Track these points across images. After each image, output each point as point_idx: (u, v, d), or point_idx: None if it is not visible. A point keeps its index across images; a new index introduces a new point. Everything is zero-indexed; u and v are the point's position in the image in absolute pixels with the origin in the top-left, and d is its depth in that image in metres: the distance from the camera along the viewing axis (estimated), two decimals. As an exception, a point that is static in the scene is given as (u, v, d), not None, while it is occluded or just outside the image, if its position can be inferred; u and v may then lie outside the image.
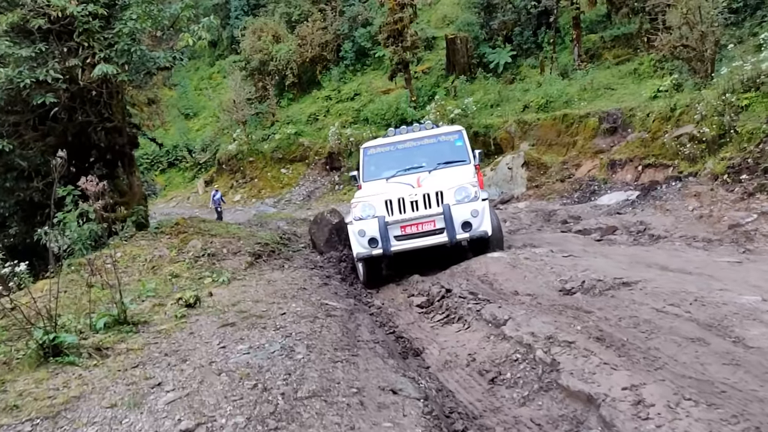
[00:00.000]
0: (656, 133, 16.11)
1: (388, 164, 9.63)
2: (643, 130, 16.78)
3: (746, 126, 13.47)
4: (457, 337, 5.33)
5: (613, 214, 11.67)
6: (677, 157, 14.92)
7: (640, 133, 16.83)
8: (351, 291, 7.82)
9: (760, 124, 13.21)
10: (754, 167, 12.53)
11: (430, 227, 7.96)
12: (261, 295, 6.92)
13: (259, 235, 10.55)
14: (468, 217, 7.88)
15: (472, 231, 7.87)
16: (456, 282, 6.83)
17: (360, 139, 26.45)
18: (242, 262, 8.87)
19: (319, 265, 9.21)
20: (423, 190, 8.10)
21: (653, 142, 16.04)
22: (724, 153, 13.60)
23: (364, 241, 8.01)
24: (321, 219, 10.87)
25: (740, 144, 13.32)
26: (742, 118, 13.80)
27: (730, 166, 13.12)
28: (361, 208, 8.24)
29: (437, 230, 7.93)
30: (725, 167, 13.21)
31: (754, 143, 12.95)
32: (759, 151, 12.64)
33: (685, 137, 14.92)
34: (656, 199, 11.31)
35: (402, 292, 7.52)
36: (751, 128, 13.27)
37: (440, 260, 8.50)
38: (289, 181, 28.42)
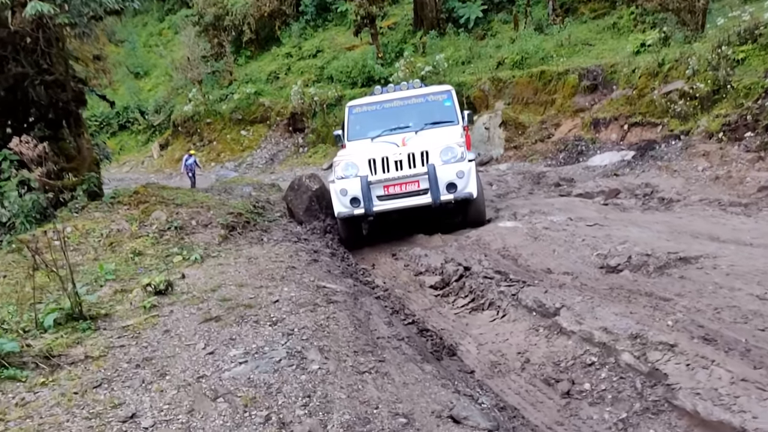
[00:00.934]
0: (643, 90, 15.38)
1: (374, 124, 9.21)
2: (629, 86, 16.04)
3: (743, 81, 12.83)
4: (493, 328, 4.41)
5: (610, 175, 10.91)
6: (666, 115, 14.25)
7: (625, 90, 16.09)
8: (345, 268, 6.81)
9: (758, 79, 12.58)
10: (753, 124, 11.93)
11: (414, 188, 7.72)
12: (244, 277, 5.84)
13: (230, 203, 9.38)
14: (453, 178, 7.59)
15: (456, 192, 7.57)
16: (472, 258, 5.90)
17: (325, 98, 25.11)
18: (215, 235, 7.73)
19: (303, 237, 8.15)
20: (408, 149, 7.82)
21: (640, 99, 15.32)
22: (719, 110, 12.97)
23: (346, 201, 7.86)
24: (299, 185, 9.75)
25: (736, 100, 12.68)
26: (738, 73, 13.15)
27: (726, 123, 12.50)
28: (344, 166, 7.98)
29: (421, 191, 7.69)
30: (720, 125, 12.59)
31: (751, 99, 12.32)
32: (758, 108, 12.03)
33: (675, 94, 14.23)
34: (656, 159, 10.59)
35: (404, 268, 6.56)
36: (748, 83, 12.64)
37: (425, 224, 8.30)
38: (250, 143, 26.89)
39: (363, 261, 7.28)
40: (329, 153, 25.10)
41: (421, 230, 8.26)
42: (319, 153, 25.08)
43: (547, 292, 4.41)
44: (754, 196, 7.43)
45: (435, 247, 7.04)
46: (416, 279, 5.96)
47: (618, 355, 3.29)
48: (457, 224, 8.32)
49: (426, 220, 8.48)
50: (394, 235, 8.39)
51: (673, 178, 9.22)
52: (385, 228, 8.93)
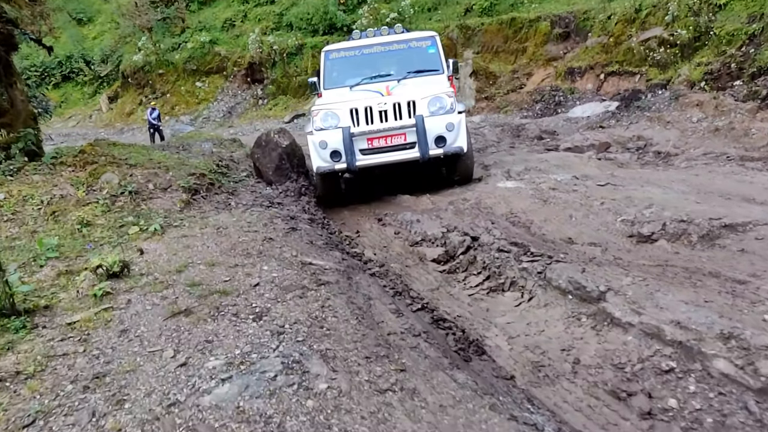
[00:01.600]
0: (619, 37, 14.66)
1: (353, 71, 8.45)
2: (604, 34, 15.29)
3: (725, 27, 12.21)
4: (521, 316, 3.66)
5: (595, 127, 10.23)
6: (645, 64, 13.60)
7: (600, 38, 15.34)
8: (329, 238, 5.95)
9: (741, 25, 11.97)
10: (737, 72, 11.39)
11: (401, 141, 7.13)
12: (215, 253, 4.92)
13: (191, 162, 8.30)
14: (442, 131, 7.06)
15: (446, 147, 7.04)
16: (476, 225, 5.10)
17: (285, 47, 23.62)
18: (176, 200, 6.71)
19: (276, 201, 7.20)
20: (393, 99, 7.17)
21: (616, 47, 14.60)
22: (700, 57, 12.37)
23: (326, 154, 7.25)
24: (267, 141, 8.71)
25: (718, 47, 12.08)
26: (720, 18, 12.52)
27: (708, 72, 11.92)
28: (323, 117, 7.34)
29: (408, 144, 7.11)
30: (702, 73, 12.01)
31: (734, 46, 11.74)
32: (742, 55, 11.46)
33: (654, 41, 13.56)
34: (643, 109, 9.93)
35: (395, 236, 5.74)
36: (731, 29, 12.02)
37: (408, 181, 7.80)
38: (206, 95, 25.25)
39: (345, 228, 6.42)
40: (290, 105, 23.77)
41: (405, 189, 7.47)
42: (280, 105, 23.72)
43: (585, 270, 3.67)
44: (765, 149, 6.83)
45: (427, 211, 6.23)
46: (413, 251, 5.15)
47: (707, 360, 2.58)
48: (443, 181, 7.59)
49: (409, 176, 7.86)
50: (375, 195, 7.59)
51: (667, 130, 8.59)
52: (364, 186, 8.22)
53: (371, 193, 7.74)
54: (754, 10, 11.97)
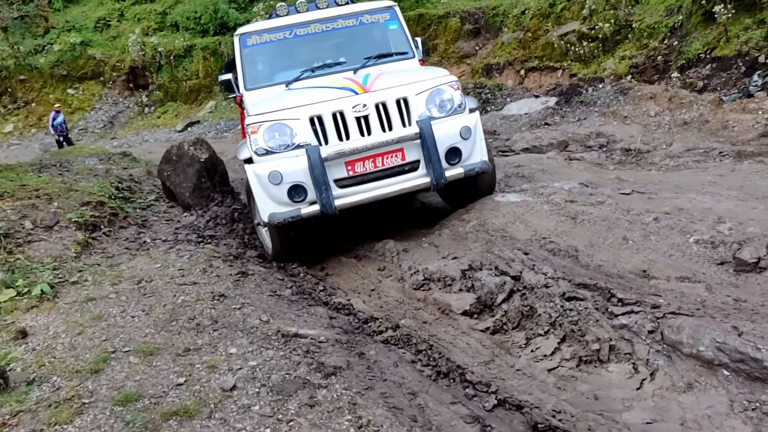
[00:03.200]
0: (536, 32, 14.11)
1: (285, 61, 5.98)
2: (519, 29, 14.69)
3: (645, 20, 11.92)
4: (660, 407, 2.43)
5: (539, 125, 9.38)
6: (566, 58, 13.12)
7: (515, 33, 14.72)
8: (294, 282, 4.42)
9: (660, 18, 11.70)
10: (663, 65, 11.07)
11: (396, 161, 4.62)
12: (146, 328, 3.26)
13: (81, 187, 6.32)
14: (456, 140, 4.67)
15: (464, 163, 4.70)
16: (502, 256, 3.83)
17: (171, 49, 21.23)
18: (68, 243, 4.83)
19: (206, 233, 5.50)
20: (375, 97, 4.69)
21: (534, 42, 14.04)
22: (623, 51, 12.01)
23: (281, 193, 4.55)
24: (179, 155, 6.91)
25: (640, 41, 11.76)
26: (638, 12, 12.23)
27: (633, 65, 11.57)
28: (268, 132, 4.63)
29: (407, 166, 4.65)
30: (628, 67, 11.64)
31: (657, 39, 11.44)
32: (666, 48, 11.16)
33: (573, 35, 13.10)
34: (588, 104, 9.20)
35: (382, 275, 4.33)
36: (651, 22, 11.72)
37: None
38: (81, 104, 22.14)
39: (312, 267, 4.90)
40: (182, 112, 21.38)
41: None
42: (170, 112, 21.27)
43: (742, 333, 2.50)
44: (755, 143, 6.16)
45: (413, 237, 4.88)
46: (423, 298, 3.78)
47: None
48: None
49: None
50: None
51: (627, 125, 7.85)
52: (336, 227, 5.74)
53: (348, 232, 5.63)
54: (671, 3, 11.76)
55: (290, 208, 4.54)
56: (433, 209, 5.92)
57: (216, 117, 20.12)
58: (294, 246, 5.00)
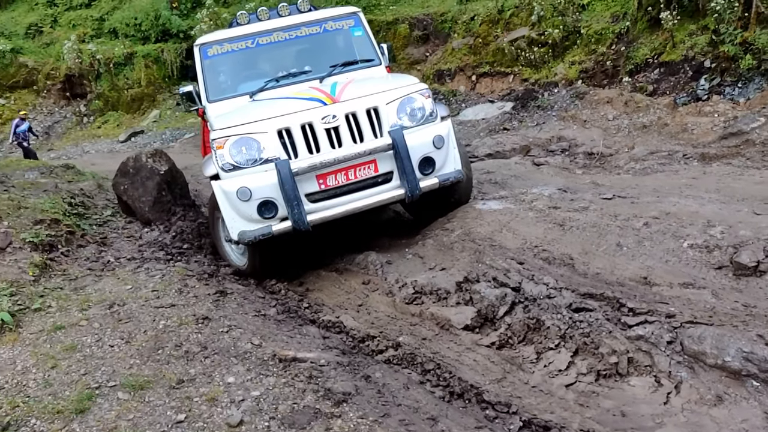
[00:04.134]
0: (486, 38, 14.22)
1: (247, 70, 5.87)
2: (468, 35, 14.79)
3: (592, 26, 12.21)
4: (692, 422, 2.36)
5: (498, 131, 9.43)
6: (516, 64, 13.28)
7: (465, 39, 14.81)
8: (284, 303, 4.18)
9: (607, 24, 12.01)
10: (612, 70, 11.36)
11: (369, 173, 4.48)
12: (130, 357, 2.97)
13: (30, 203, 5.82)
14: (428, 150, 4.54)
15: (438, 173, 4.58)
16: (494, 266, 3.73)
17: (110, 56, 20.33)
18: (24, 265, 4.40)
19: (174, 249, 5.16)
20: (344, 107, 4.54)
21: (484, 48, 14.15)
22: (572, 57, 12.26)
23: (250, 209, 4.34)
24: (137, 168, 6.50)
25: (588, 46, 12.03)
26: (585, 18, 12.52)
27: (583, 70, 11.83)
28: (235, 146, 4.43)
29: (380, 177, 4.51)
30: (578, 72, 11.89)
31: (604, 45, 11.73)
32: (614, 53, 11.46)
33: (523, 41, 13.28)
34: (544, 109, 9.33)
35: (372, 290, 4.16)
36: (598, 28, 12.02)
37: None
38: (13, 114, 20.83)
39: (292, 282, 4.67)
40: (124, 122, 20.49)
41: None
42: (111, 122, 20.36)
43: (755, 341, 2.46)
44: (716, 145, 6.33)
45: (395, 248, 4.73)
46: (418, 313, 3.63)
47: None
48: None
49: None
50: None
51: (587, 129, 7.97)
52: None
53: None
54: (616, 10, 12.09)
55: (260, 225, 4.33)
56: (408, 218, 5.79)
57: (161, 126, 19.38)
58: (268, 262, 4.77)
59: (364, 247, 4.83)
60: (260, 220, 4.32)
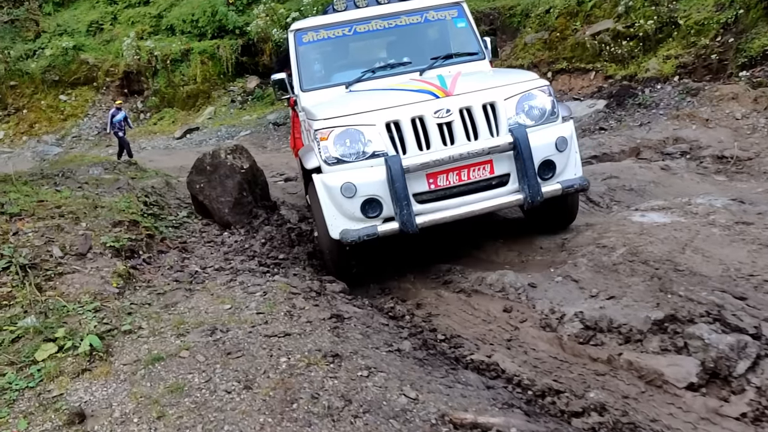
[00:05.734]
0: (564, 32, 13.24)
1: (344, 60, 5.57)
2: (543, 29, 13.83)
3: (691, 17, 11.10)
4: None
5: (594, 131, 8.51)
6: (599, 59, 12.26)
7: (539, 34, 13.86)
8: (414, 331, 3.41)
9: (710, 14, 10.90)
10: (717, 65, 10.23)
11: (484, 174, 4.06)
12: (258, 413, 2.26)
13: (107, 202, 5.21)
14: (551, 153, 4.08)
15: (562, 179, 4.10)
16: (692, 300, 2.87)
17: (168, 53, 20.08)
18: (106, 274, 3.77)
19: (269, 260, 4.46)
20: (458, 101, 4.07)
21: (561, 42, 13.18)
22: (666, 50, 11.16)
23: (354, 207, 3.96)
24: (215, 165, 5.86)
25: (687, 38, 10.93)
26: (682, 8, 11.41)
27: (681, 65, 10.73)
28: (339, 138, 4.05)
29: (495, 180, 4.08)
30: (674, 67, 10.80)
31: (707, 36, 10.62)
32: (720, 45, 10.34)
33: (607, 35, 12.24)
34: (647, 107, 8.36)
35: (509, 316, 3.36)
36: (699, 19, 10.90)
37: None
38: (74, 111, 20.88)
39: (406, 302, 3.91)
40: (179, 118, 20.23)
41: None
42: (167, 119, 20.12)
43: None
44: None
45: (534, 266, 3.92)
46: (600, 357, 2.80)
47: None
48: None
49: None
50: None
51: (711, 129, 6.98)
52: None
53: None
54: (719, -1, 10.95)
55: (364, 225, 3.97)
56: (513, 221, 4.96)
57: (216, 123, 19.01)
58: (349, 266, 4.38)
59: (473, 257, 4.04)
60: (363, 219, 3.97)
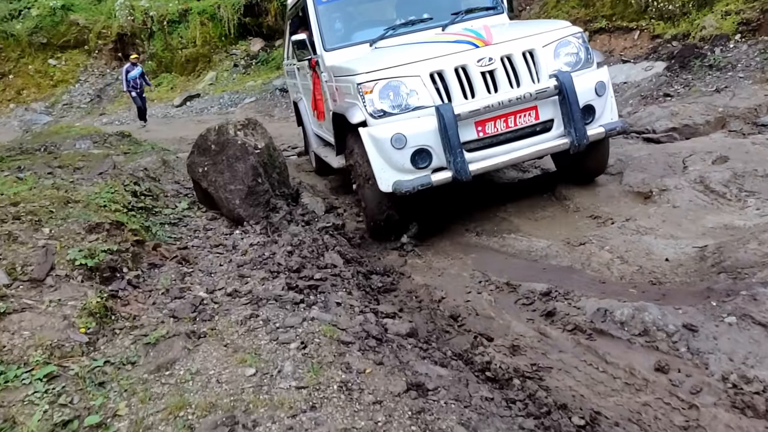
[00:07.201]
0: (602, -14, 11.81)
1: (365, 18, 5.55)
2: (578, -16, 12.37)
3: (755, -33, 9.70)
4: None
5: (657, 97, 7.26)
6: (643, 17, 10.88)
7: (574, -11, 12.40)
8: (531, 410, 2.27)
9: (777, -36, 9.52)
10: (788, 21, 8.89)
11: (530, 120, 4.12)
12: None
13: (82, 195, 3.97)
14: (591, 98, 4.18)
15: (603, 122, 4.27)
16: None
17: (165, 13, 18.57)
18: (71, 311, 2.62)
19: (301, 281, 3.26)
20: (499, 49, 4.09)
21: (600, -1, 11.77)
22: (724, 5, 9.80)
23: (404, 158, 3.96)
24: (221, 143, 4.63)
25: (749, -8, 9.56)
26: (744, -42, 10.00)
27: (743, 22, 9.39)
28: (383, 91, 3.99)
29: (539, 126, 4.15)
30: (735, 24, 9.46)
31: (775, -11, 9.26)
32: (793, -1, 8.99)
33: (654, -11, 10.82)
34: (720, 70, 7.10)
35: (717, 401, 2.20)
36: (764, -30, 9.52)
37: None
38: (64, 76, 19.47)
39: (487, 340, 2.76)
40: (178, 84, 18.81)
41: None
42: (165, 85, 18.71)
43: None
44: None
45: (684, 296, 2.75)
46: None
47: None
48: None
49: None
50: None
51: (813, 96, 5.72)
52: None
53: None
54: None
55: (416, 175, 3.98)
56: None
57: (218, 90, 17.63)
58: (398, 222, 4.39)
59: (582, 273, 2.87)
60: (413, 170, 3.99)
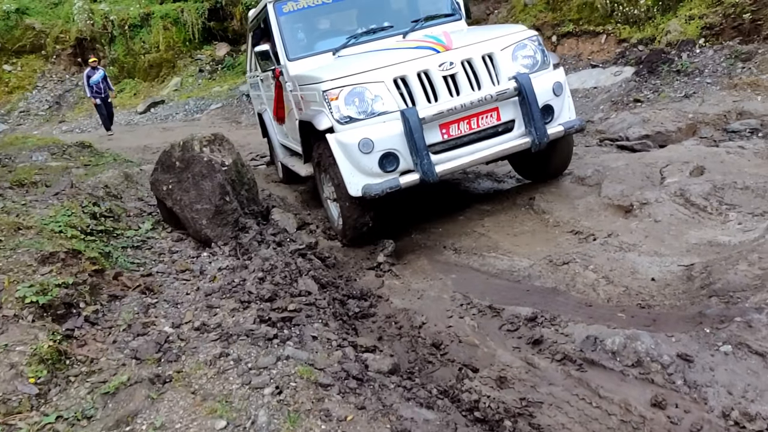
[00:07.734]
0: (568, -9, 11.85)
1: (327, 27, 5.70)
2: (545, -12, 12.39)
3: (716, -27, 9.82)
4: None
5: (628, 103, 7.24)
6: (610, 21, 10.95)
7: (540, -6, 12.42)
8: None
9: (737, -30, 9.65)
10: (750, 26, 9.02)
11: (492, 121, 4.28)
12: None
13: (35, 220, 3.68)
14: (549, 98, 4.37)
15: (563, 120, 4.46)
16: None
17: (126, 17, 18.02)
18: (20, 358, 2.36)
19: (273, 313, 3.05)
20: (459, 54, 4.25)
21: (567, 2, 11.80)
22: (688, 10, 9.91)
23: (372, 162, 4.08)
24: (187, 160, 4.37)
25: (710, -3, 9.67)
26: (705, -37, 10.11)
27: (707, 26, 9.49)
28: (348, 98, 4.13)
29: (501, 126, 4.32)
30: (699, 28, 9.56)
31: (735, -5, 9.38)
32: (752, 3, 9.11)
33: (619, -7, 10.89)
34: (688, 75, 7.12)
35: None
36: (725, -25, 9.64)
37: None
38: (20, 82, 18.73)
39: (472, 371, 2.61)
40: (141, 90, 18.27)
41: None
42: (127, 91, 18.15)
43: None
44: None
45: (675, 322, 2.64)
46: None
47: None
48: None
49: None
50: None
51: (778, 102, 5.75)
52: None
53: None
54: (745, -48, 9.66)
55: (385, 179, 4.09)
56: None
57: (183, 96, 17.18)
58: (370, 225, 4.46)
59: (568, 296, 2.74)
60: (381, 173, 4.10)
